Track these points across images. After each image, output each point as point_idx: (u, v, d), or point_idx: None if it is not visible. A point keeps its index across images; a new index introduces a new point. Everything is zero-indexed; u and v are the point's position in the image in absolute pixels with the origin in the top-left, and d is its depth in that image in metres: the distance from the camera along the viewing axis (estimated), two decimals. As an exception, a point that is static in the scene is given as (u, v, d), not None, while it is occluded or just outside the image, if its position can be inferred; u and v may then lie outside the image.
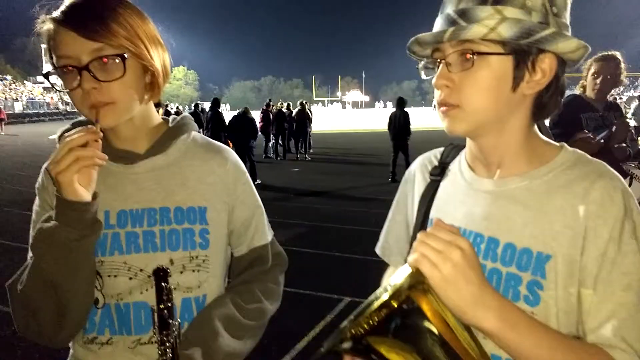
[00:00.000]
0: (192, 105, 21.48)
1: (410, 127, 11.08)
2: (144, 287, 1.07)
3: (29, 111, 51.10)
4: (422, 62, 0.93)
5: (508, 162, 0.92)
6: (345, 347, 0.72)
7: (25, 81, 69.36)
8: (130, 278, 1.07)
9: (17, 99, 53.30)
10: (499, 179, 0.92)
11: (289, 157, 16.39)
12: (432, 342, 0.72)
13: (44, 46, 1.06)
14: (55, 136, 1.12)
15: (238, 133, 10.90)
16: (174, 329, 0.98)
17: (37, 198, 1.13)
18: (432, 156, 1.11)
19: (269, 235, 1.29)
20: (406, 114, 11.02)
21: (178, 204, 1.12)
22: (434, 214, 1.01)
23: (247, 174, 1.27)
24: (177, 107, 23.64)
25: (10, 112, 43.62)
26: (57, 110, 53.69)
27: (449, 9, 0.85)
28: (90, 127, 0.95)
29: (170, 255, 1.09)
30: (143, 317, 1.08)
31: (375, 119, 42.99)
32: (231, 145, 10.86)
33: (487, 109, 0.85)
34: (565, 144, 0.93)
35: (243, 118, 11.13)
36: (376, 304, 0.69)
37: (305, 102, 17.32)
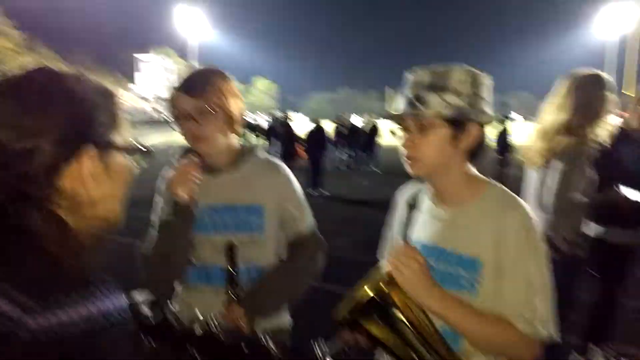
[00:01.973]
0: (270, 117, 23.20)
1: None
2: (221, 255, 1.59)
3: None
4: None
5: (453, 194, 1.35)
6: (344, 320, 1.16)
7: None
8: (212, 249, 1.63)
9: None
10: (449, 207, 1.35)
11: (358, 169, 16.95)
12: (401, 324, 1.15)
13: (136, 55, 1.64)
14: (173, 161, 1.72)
15: (311, 145, 12.09)
16: (239, 284, 1.54)
17: (157, 195, 1.74)
18: (410, 188, 1.55)
19: (311, 225, 1.79)
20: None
21: (245, 202, 1.68)
22: (410, 233, 1.43)
23: (295, 182, 1.79)
24: (254, 120, 24.93)
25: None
26: (152, 120, 57.09)
27: (408, 92, 1.28)
28: (193, 158, 1.55)
29: (238, 235, 1.63)
30: (219, 275, 1.62)
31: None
32: (302, 156, 12.03)
33: (435, 160, 1.29)
34: (492, 180, 1.35)
35: (316, 133, 12.29)
36: (363, 293, 1.14)
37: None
